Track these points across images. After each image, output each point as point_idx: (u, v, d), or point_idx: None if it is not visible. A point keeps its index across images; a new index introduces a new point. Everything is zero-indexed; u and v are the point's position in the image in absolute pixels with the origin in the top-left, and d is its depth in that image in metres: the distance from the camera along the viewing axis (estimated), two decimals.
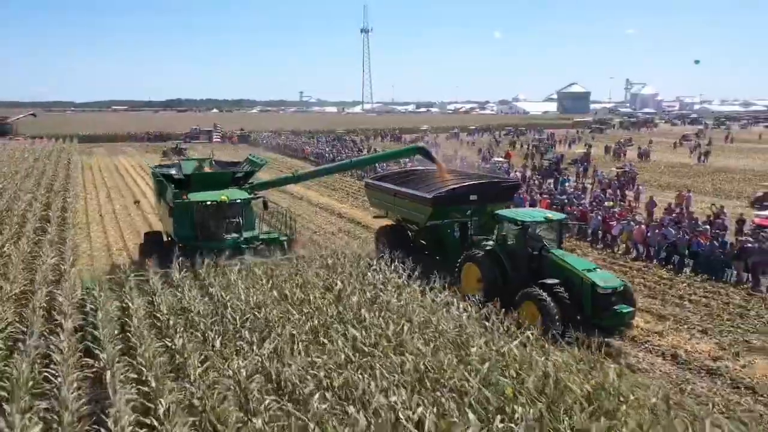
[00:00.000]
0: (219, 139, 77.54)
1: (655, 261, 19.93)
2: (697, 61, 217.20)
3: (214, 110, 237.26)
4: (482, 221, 17.35)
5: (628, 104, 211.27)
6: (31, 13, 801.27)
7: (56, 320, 11.77)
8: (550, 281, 13.24)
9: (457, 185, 18.68)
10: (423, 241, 19.49)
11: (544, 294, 12.81)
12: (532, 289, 13.09)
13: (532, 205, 25.47)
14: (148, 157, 54.51)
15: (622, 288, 13.19)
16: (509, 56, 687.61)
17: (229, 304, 12.46)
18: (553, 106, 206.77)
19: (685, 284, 17.69)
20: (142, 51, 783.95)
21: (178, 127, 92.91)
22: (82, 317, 12.39)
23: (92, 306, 12.70)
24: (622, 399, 8.15)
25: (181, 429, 7.66)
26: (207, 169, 21.23)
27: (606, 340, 12.31)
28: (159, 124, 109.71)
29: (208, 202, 16.94)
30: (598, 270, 13.68)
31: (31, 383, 9.27)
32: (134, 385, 9.33)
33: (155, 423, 7.95)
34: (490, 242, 15.62)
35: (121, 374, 9.47)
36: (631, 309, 13.23)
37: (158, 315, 12.28)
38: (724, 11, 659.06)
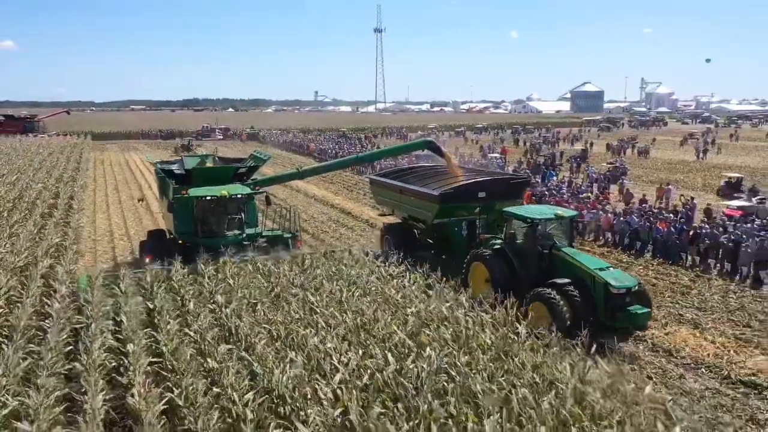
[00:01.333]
0: (221, 136, 79.60)
1: (619, 247, 21.22)
2: (708, 60, 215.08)
3: (230, 109, 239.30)
4: (491, 219, 17.13)
5: (643, 103, 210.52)
6: (50, 15, 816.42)
7: (53, 287, 13.41)
8: (560, 281, 12.85)
9: (465, 182, 18.35)
10: (429, 240, 19.03)
11: (554, 294, 12.44)
12: (542, 289, 12.71)
13: None
14: (158, 153, 56.62)
15: (636, 287, 12.76)
16: (525, 56, 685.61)
17: (206, 273, 14.07)
18: (567, 106, 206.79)
19: (641, 267, 18.97)
20: (161, 52, 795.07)
21: (192, 126, 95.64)
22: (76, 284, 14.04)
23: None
24: (519, 345, 9.56)
25: (144, 365, 9.26)
26: (209, 165, 21.06)
27: None
28: (174, 123, 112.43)
29: (208, 197, 16.45)
30: (611, 269, 13.21)
31: (28, 333, 10.93)
32: (114, 333, 10.98)
33: (124, 360, 9.58)
34: (499, 240, 15.34)
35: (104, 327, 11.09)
36: (647, 309, 12.80)
37: (143, 284, 13.78)
38: (746, 10, 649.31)
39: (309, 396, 8.26)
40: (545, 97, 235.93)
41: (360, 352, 9.57)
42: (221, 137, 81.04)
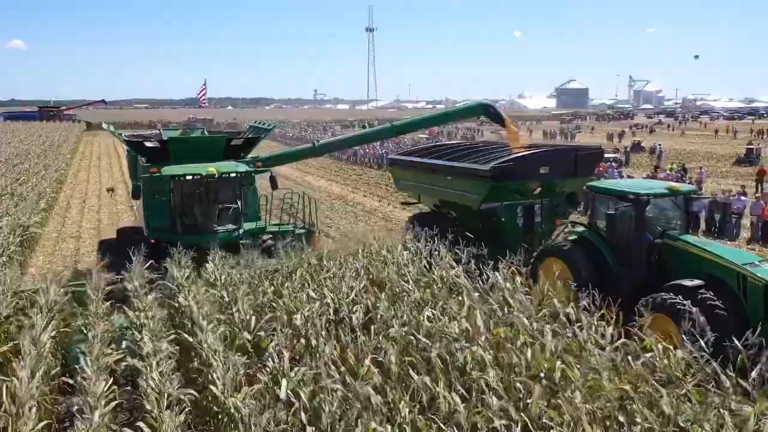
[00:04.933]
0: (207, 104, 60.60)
1: None
2: (696, 56, 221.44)
3: (229, 107, 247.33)
4: (556, 202, 13.99)
5: (630, 100, 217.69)
6: (59, 15, 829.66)
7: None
8: (689, 282, 9.19)
9: (522, 153, 14.66)
10: (469, 233, 13.04)
11: (687, 303, 8.68)
12: (665, 296, 9.01)
13: None
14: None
15: None
16: (524, 55, 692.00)
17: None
18: (554, 103, 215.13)
19: None
20: (164, 52, 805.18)
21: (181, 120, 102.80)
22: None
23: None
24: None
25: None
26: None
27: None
28: (169, 118, 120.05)
29: (190, 177, 12.00)
30: (765, 263, 9.50)
31: None
32: None
33: None
34: (581, 228, 11.94)
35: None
36: None
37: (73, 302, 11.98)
38: (745, 10, 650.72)
39: None
40: (538, 94, 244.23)
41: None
42: (206, 105, 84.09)
